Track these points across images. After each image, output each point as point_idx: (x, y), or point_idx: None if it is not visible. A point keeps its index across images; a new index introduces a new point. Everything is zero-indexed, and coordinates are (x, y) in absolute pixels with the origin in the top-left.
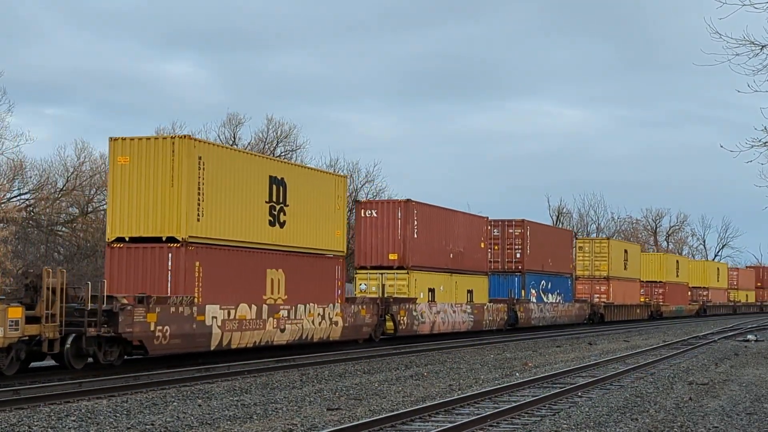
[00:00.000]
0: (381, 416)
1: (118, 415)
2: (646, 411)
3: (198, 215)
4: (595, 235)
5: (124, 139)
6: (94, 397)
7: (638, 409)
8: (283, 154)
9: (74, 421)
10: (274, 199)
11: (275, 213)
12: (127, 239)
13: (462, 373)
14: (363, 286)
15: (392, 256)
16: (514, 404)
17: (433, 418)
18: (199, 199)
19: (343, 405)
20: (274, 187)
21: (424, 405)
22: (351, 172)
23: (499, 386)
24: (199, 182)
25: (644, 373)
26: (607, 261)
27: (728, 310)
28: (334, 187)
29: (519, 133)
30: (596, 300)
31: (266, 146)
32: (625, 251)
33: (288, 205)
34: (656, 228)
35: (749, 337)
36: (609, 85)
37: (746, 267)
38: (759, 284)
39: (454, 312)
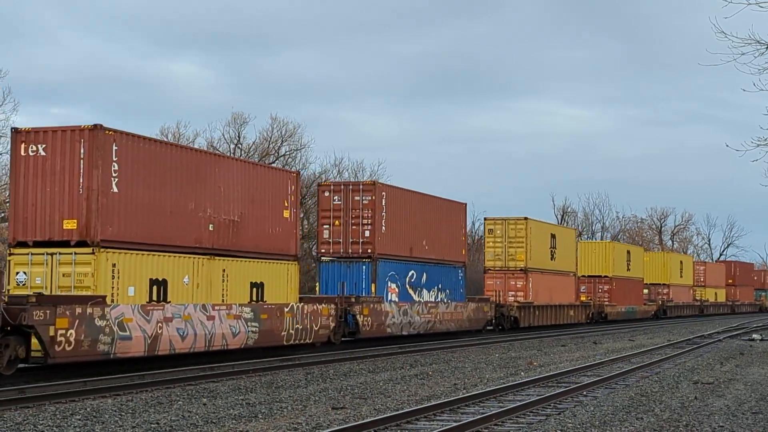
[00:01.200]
0: (386, 415)
1: (123, 413)
2: (651, 410)
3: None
4: (600, 236)
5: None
6: (99, 396)
7: (643, 408)
8: (287, 153)
9: (79, 419)
10: None
11: None
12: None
13: (467, 372)
14: (21, 277)
15: (69, 224)
16: (519, 403)
17: (438, 417)
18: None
19: (348, 404)
20: None
21: (429, 404)
22: (356, 171)
23: (504, 385)
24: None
25: (649, 373)
26: (524, 248)
27: (693, 311)
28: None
29: (524, 133)
30: (510, 299)
31: (271, 145)
32: (553, 236)
33: None
34: (661, 227)
35: (754, 336)
36: (614, 84)
37: (716, 261)
38: (730, 281)
39: (213, 320)
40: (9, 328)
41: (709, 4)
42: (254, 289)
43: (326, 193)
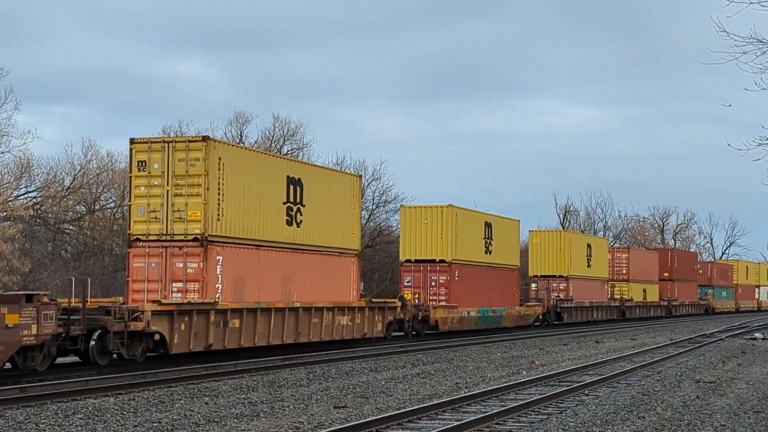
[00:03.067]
0: (388, 414)
1: (125, 412)
2: (653, 409)
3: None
4: (602, 235)
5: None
6: (101, 394)
7: (645, 407)
8: (289, 152)
9: (81, 418)
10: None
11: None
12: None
13: (469, 371)
14: None
15: None
16: (521, 402)
17: (440, 416)
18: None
19: (350, 403)
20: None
21: (431, 403)
22: (357, 170)
23: (506, 384)
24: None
25: (651, 372)
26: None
27: (608, 314)
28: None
29: (526, 132)
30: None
31: (273, 144)
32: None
33: None
34: (663, 226)
35: (756, 335)
36: (617, 83)
37: (645, 249)
38: (666, 274)
39: None
40: None
41: (711, 4)
42: None
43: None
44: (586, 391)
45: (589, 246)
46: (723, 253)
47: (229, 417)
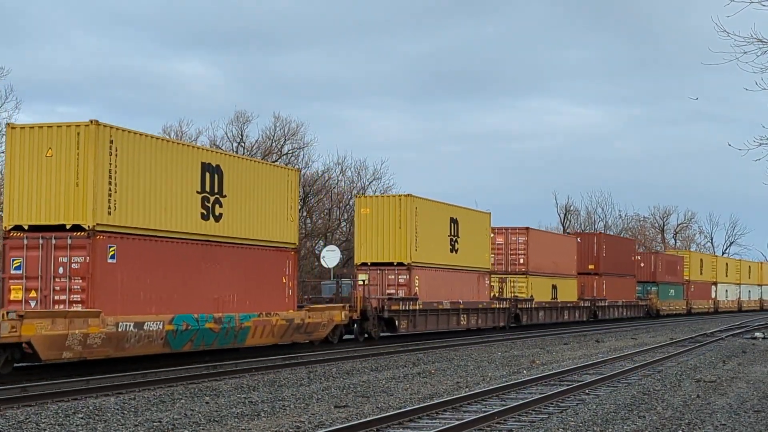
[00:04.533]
0: (388, 413)
1: (125, 412)
2: (653, 408)
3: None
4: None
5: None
6: (101, 394)
7: (646, 406)
8: (290, 151)
9: (82, 418)
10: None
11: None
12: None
13: (469, 371)
14: None
15: None
16: (521, 401)
17: (440, 416)
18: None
19: (350, 402)
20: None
21: (432, 402)
22: (358, 169)
23: (506, 383)
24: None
25: (652, 371)
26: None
27: (489, 320)
28: None
29: (527, 132)
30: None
31: (273, 144)
32: (454, 221)
33: None
34: (664, 226)
35: (757, 334)
36: (618, 83)
37: (566, 233)
38: (592, 267)
39: None
40: None
41: (712, 3)
42: None
43: None
44: (587, 391)
45: (454, 221)
46: (723, 253)
47: (229, 416)
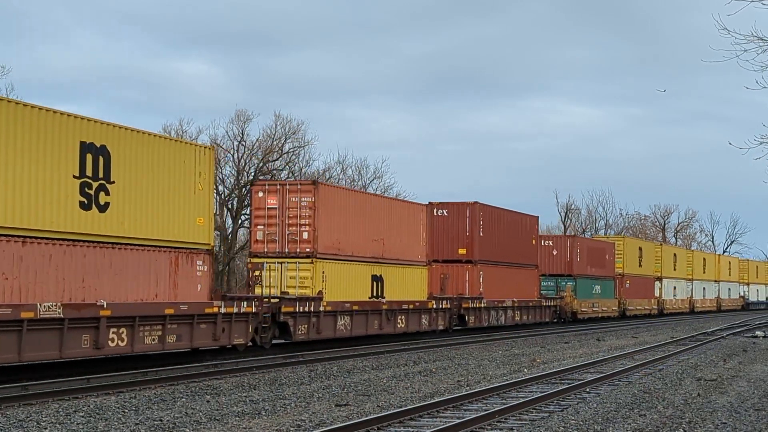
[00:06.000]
0: (389, 412)
1: (126, 411)
2: (654, 407)
3: None
4: (603, 233)
5: None
6: (102, 393)
7: (646, 405)
8: (291, 150)
9: (82, 416)
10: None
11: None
12: None
13: (470, 369)
14: None
15: None
16: (522, 400)
17: (441, 414)
18: None
19: (351, 401)
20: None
21: (433, 401)
22: (359, 168)
23: (507, 382)
24: None
25: (652, 369)
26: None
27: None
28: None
29: (528, 131)
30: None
31: (274, 142)
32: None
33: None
34: (665, 224)
35: (758, 333)
36: (618, 82)
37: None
38: (463, 251)
39: None
40: None
41: (712, 2)
42: None
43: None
44: (588, 389)
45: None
46: (724, 252)
47: (230, 415)
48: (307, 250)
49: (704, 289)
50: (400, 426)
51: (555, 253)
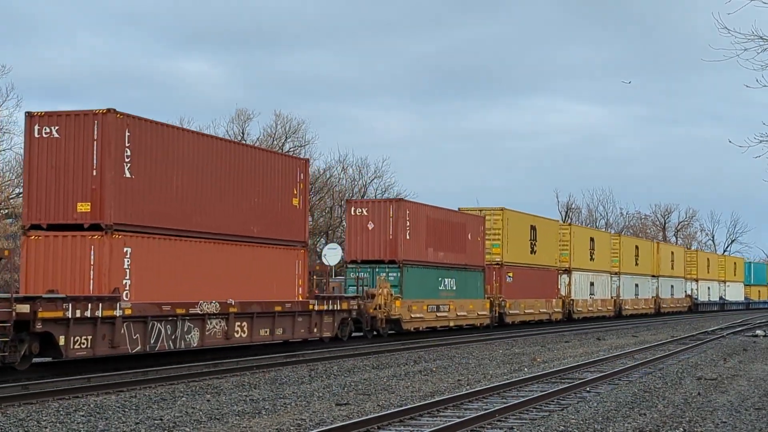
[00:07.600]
0: (389, 411)
1: (126, 410)
2: (654, 406)
3: None
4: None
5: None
6: (103, 392)
7: (647, 404)
8: (291, 149)
9: (83, 416)
10: None
11: None
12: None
13: (470, 368)
14: None
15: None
16: (522, 399)
17: (441, 413)
18: None
19: (351, 400)
20: None
21: (433, 400)
22: (360, 167)
23: (507, 381)
24: None
25: (653, 369)
26: None
27: None
28: None
29: (529, 130)
30: None
31: (275, 142)
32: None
33: None
34: (665, 223)
35: (758, 332)
36: (619, 82)
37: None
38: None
39: None
40: None
41: (713, 1)
42: None
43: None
44: (588, 388)
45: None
46: (725, 251)
47: (230, 414)
48: None
49: (637, 286)
50: (400, 425)
51: (371, 227)
